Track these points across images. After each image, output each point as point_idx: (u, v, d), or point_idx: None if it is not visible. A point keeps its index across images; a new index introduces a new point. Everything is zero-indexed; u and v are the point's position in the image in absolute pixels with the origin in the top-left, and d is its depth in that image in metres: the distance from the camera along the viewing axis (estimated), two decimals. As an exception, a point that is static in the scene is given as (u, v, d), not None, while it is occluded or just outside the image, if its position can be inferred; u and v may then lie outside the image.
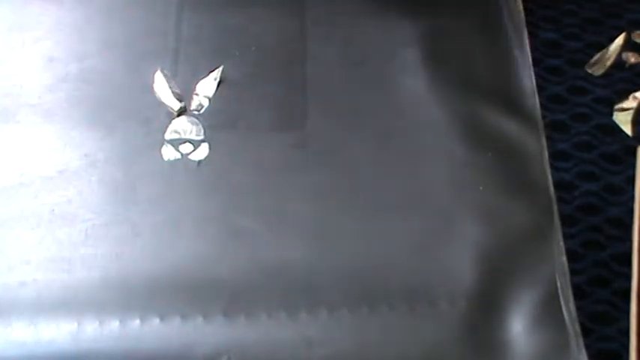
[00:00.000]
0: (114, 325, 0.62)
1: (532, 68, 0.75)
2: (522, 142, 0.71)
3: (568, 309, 0.64)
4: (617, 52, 0.78)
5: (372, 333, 0.63)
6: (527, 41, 0.77)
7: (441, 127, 0.71)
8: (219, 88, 0.73)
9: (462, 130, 0.72)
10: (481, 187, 0.69)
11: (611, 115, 0.75)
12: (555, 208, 0.68)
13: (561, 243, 0.67)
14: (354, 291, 0.64)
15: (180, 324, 0.62)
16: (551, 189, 0.69)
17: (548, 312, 0.64)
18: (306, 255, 0.65)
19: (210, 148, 0.70)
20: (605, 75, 0.78)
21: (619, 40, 0.78)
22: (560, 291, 0.65)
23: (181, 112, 0.72)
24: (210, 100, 0.73)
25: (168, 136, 0.71)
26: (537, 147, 0.71)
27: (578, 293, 0.66)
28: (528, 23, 0.79)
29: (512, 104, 0.73)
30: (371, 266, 0.65)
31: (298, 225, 0.67)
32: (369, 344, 0.62)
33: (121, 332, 0.62)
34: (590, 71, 0.78)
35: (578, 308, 0.65)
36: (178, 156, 0.70)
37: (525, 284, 0.65)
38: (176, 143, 0.70)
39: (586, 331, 0.64)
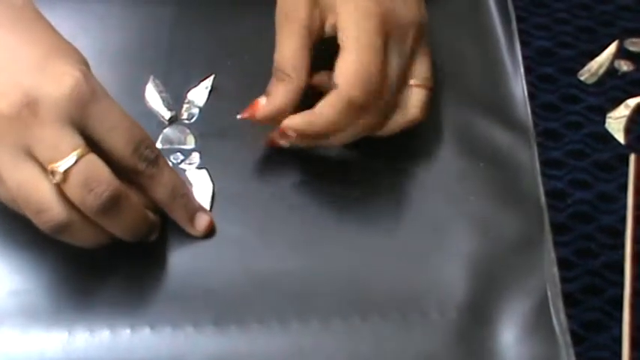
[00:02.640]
0: (104, 334, 0.62)
1: (524, 77, 0.75)
2: (513, 152, 0.71)
3: (559, 319, 0.64)
4: (609, 60, 0.78)
5: (363, 342, 0.63)
6: (519, 49, 0.77)
7: (432, 136, 0.71)
8: (211, 97, 0.73)
9: (453, 140, 0.72)
10: (472, 197, 0.69)
11: (604, 123, 0.75)
12: (546, 218, 0.68)
13: (552, 253, 0.67)
14: (345, 300, 0.64)
15: (171, 333, 0.62)
16: (542, 199, 0.69)
17: (538, 322, 0.64)
18: (297, 264, 0.65)
19: (201, 157, 0.70)
20: (597, 83, 0.77)
21: (612, 48, 0.78)
22: (550, 301, 0.64)
23: (172, 120, 0.72)
24: (201, 109, 0.73)
25: (159, 145, 0.71)
26: (528, 157, 0.71)
27: (571, 301, 0.66)
28: (520, 31, 0.79)
29: (503, 113, 0.73)
30: (362, 276, 0.65)
31: (289, 234, 0.67)
32: (360, 354, 0.62)
33: (111, 342, 0.62)
34: (582, 79, 0.78)
35: (571, 316, 0.65)
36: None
37: (516, 294, 0.65)
38: (167, 152, 0.70)
39: (579, 339, 0.64)
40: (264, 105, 0.67)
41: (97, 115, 0.61)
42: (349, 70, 0.66)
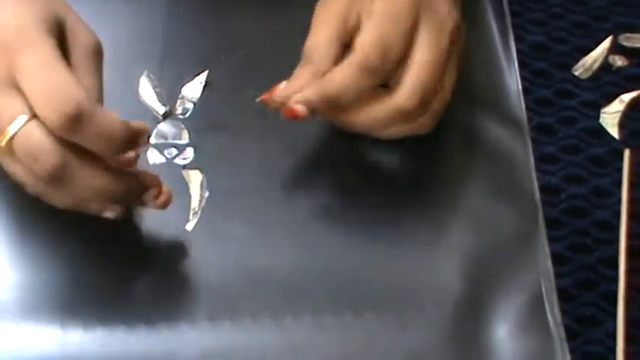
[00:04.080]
0: (99, 331, 0.62)
1: (518, 72, 0.75)
2: (508, 147, 0.71)
3: (553, 314, 0.64)
4: (604, 55, 0.78)
5: (356, 338, 0.62)
6: (513, 44, 0.77)
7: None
8: (205, 92, 0.73)
9: (446, 135, 0.71)
10: (466, 192, 0.69)
11: (599, 118, 0.75)
12: (540, 212, 0.68)
13: (546, 248, 0.67)
14: (339, 296, 0.64)
15: (165, 329, 0.62)
16: (537, 194, 0.69)
17: (532, 317, 0.63)
18: (291, 260, 0.65)
19: (195, 152, 0.70)
20: (592, 78, 0.78)
21: (606, 43, 0.78)
22: (545, 296, 0.64)
23: (166, 115, 0.72)
24: (195, 104, 0.73)
25: (153, 140, 0.70)
26: (523, 152, 0.71)
27: (565, 296, 0.66)
28: (515, 26, 0.79)
29: (497, 108, 0.73)
30: (356, 272, 0.65)
31: (283, 230, 0.67)
32: (354, 350, 0.62)
33: (105, 338, 0.62)
34: (577, 74, 0.78)
35: (565, 311, 0.65)
36: (163, 160, 0.69)
37: (510, 289, 0.64)
38: (161, 147, 0.70)
39: (573, 334, 0.64)
40: (282, 88, 0.67)
41: (23, 71, 0.57)
42: (368, 36, 0.65)
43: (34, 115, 0.57)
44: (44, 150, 0.57)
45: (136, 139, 0.59)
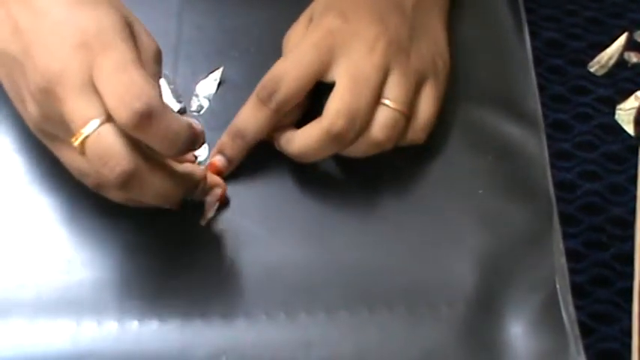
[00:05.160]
0: (112, 326, 0.62)
1: (533, 68, 0.75)
2: (523, 145, 0.71)
3: (567, 311, 0.64)
4: (619, 51, 0.77)
5: (370, 335, 0.63)
6: (528, 41, 0.77)
7: (441, 129, 0.71)
8: (219, 90, 0.73)
9: (461, 132, 0.71)
10: (481, 190, 0.69)
11: (614, 114, 0.75)
12: (555, 209, 0.68)
13: (561, 245, 0.67)
14: (352, 293, 0.64)
15: (179, 326, 0.63)
16: (552, 191, 0.69)
17: (547, 315, 0.64)
18: (305, 256, 0.66)
19: (209, 150, 0.70)
20: (607, 75, 0.77)
21: (621, 40, 0.78)
22: (559, 293, 0.64)
23: (181, 113, 0.72)
24: (210, 101, 0.73)
25: (167, 137, 0.71)
26: (538, 149, 0.71)
27: (580, 293, 0.66)
28: (529, 22, 0.79)
29: (512, 105, 0.73)
30: (370, 268, 0.65)
31: (297, 226, 0.67)
32: (367, 346, 0.62)
33: (119, 334, 0.62)
34: (592, 71, 0.77)
35: (580, 308, 0.65)
36: (178, 157, 0.70)
37: (525, 287, 0.65)
38: (176, 144, 0.70)
39: (588, 331, 0.64)
40: (225, 165, 0.68)
41: (101, 71, 0.57)
42: (337, 104, 0.65)
43: (108, 119, 0.57)
44: (115, 154, 0.57)
45: (197, 140, 0.60)
